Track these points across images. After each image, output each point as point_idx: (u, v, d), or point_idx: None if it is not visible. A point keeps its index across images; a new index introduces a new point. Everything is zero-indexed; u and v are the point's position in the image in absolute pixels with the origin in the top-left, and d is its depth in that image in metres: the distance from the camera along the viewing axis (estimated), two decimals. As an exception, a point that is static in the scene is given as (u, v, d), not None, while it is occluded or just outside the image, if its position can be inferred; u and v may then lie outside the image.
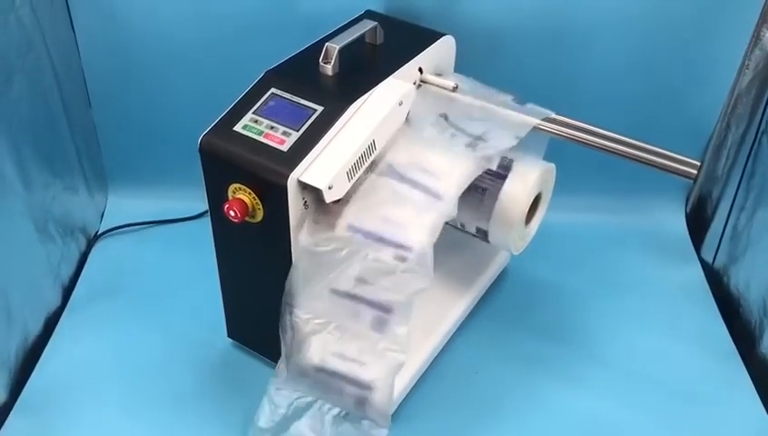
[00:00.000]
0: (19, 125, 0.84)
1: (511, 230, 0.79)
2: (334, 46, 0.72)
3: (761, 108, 0.94)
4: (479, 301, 0.94)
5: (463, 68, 0.85)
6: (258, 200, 0.66)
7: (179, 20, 0.94)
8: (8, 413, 0.80)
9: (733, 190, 1.00)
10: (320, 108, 0.68)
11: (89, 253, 1.01)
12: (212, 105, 0.70)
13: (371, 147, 0.69)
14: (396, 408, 0.80)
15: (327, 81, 0.73)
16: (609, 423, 0.81)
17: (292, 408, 0.73)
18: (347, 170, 0.66)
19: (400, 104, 0.71)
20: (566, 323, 0.93)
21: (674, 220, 1.09)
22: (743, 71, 0.95)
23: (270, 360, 0.83)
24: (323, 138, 0.66)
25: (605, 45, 0.95)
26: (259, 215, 0.68)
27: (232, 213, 0.66)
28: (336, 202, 0.67)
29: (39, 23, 0.87)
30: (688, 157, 0.70)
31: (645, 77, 0.98)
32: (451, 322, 0.88)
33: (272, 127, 0.68)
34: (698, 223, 1.08)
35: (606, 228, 1.07)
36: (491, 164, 0.72)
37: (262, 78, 0.72)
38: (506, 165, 0.79)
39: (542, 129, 0.74)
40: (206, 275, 0.80)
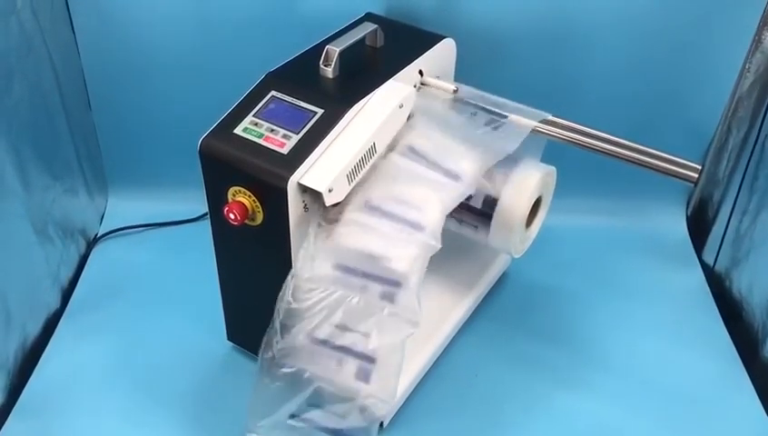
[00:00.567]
0: (19, 127, 0.83)
1: (512, 233, 0.79)
2: (334, 49, 0.72)
3: (762, 111, 0.94)
4: (480, 303, 0.94)
5: (464, 71, 0.85)
6: (258, 203, 0.66)
7: (179, 22, 0.94)
8: (7, 416, 0.79)
9: (734, 193, 1.00)
10: (321, 111, 0.68)
11: (89, 256, 1.01)
12: (213, 108, 0.70)
13: (372, 150, 0.68)
14: (396, 411, 0.79)
15: (327, 84, 0.73)
16: (610, 426, 0.81)
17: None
18: (347, 173, 0.66)
19: (401, 107, 0.71)
20: (567, 327, 0.93)
21: (675, 223, 1.09)
22: (744, 74, 0.95)
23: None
24: (323, 141, 0.66)
25: (605, 48, 0.95)
26: (259, 218, 0.68)
27: (232, 216, 0.66)
28: (335, 205, 0.66)
29: (39, 25, 0.87)
30: (689, 160, 0.70)
31: (646, 80, 0.98)
32: (452, 325, 0.88)
33: (272, 130, 0.67)
34: (699, 227, 1.08)
35: (607, 231, 1.07)
36: (509, 150, 0.73)
37: (263, 81, 0.72)
38: (490, 203, 0.78)
39: (540, 131, 0.74)
40: (206, 278, 0.80)
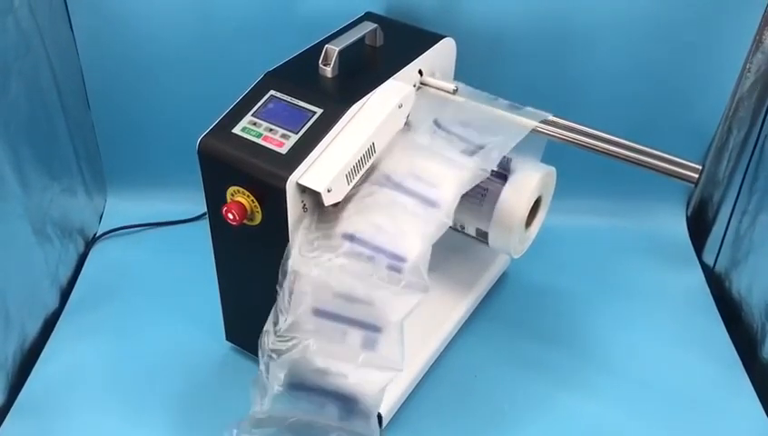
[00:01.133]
0: (17, 127, 0.83)
1: (511, 233, 0.79)
2: (334, 48, 0.72)
3: (762, 112, 0.94)
4: (479, 304, 0.93)
5: (464, 71, 0.85)
6: (256, 203, 0.66)
7: (178, 22, 0.94)
8: (5, 416, 0.79)
9: (734, 194, 0.99)
10: (320, 110, 0.68)
11: (87, 256, 1.01)
12: (211, 107, 0.70)
13: (371, 150, 0.68)
14: (394, 412, 0.79)
15: (326, 83, 0.73)
16: (609, 427, 0.81)
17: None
18: (346, 173, 0.66)
19: (400, 107, 0.71)
20: (566, 327, 0.93)
21: (675, 223, 1.09)
22: (745, 74, 0.95)
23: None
24: (322, 141, 0.66)
25: (606, 48, 0.95)
26: (257, 218, 0.67)
27: (231, 216, 0.66)
28: (335, 205, 0.66)
29: (37, 24, 0.87)
30: (689, 161, 0.69)
31: (646, 80, 0.98)
32: (451, 326, 0.88)
33: (271, 129, 0.67)
34: (699, 227, 1.08)
35: (607, 232, 1.07)
36: (487, 172, 0.71)
37: (261, 80, 0.72)
38: (504, 164, 0.78)
39: (540, 131, 0.74)
40: (204, 278, 0.79)
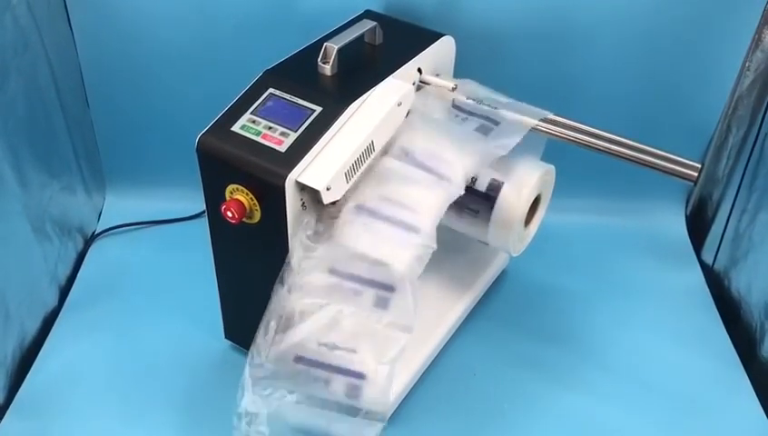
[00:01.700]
0: (16, 125, 0.83)
1: (510, 231, 0.79)
2: (333, 46, 0.72)
3: (762, 110, 0.94)
4: (478, 302, 0.93)
5: (463, 69, 0.85)
6: (255, 201, 0.66)
7: (177, 19, 0.94)
8: (4, 414, 0.79)
9: (733, 192, 0.99)
10: (319, 108, 0.68)
11: (86, 253, 1.01)
12: (210, 105, 0.70)
13: (370, 148, 0.68)
14: (394, 410, 0.79)
15: (325, 81, 0.72)
16: (608, 425, 0.81)
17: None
18: (345, 171, 0.66)
19: (399, 105, 0.71)
20: (565, 326, 0.93)
21: (675, 222, 1.09)
22: (744, 73, 0.95)
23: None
24: (321, 139, 0.66)
25: (605, 46, 0.95)
26: (256, 216, 0.67)
27: (230, 214, 0.66)
28: (333, 203, 0.66)
29: (36, 21, 0.86)
30: (689, 159, 0.69)
31: (646, 78, 0.97)
32: (450, 324, 0.88)
33: (270, 127, 0.67)
34: (698, 226, 1.08)
35: (606, 230, 1.07)
36: (498, 156, 0.73)
37: (260, 78, 0.72)
38: (496, 187, 0.78)
39: (540, 130, 0.74)
40: (204, 276, 0.79)
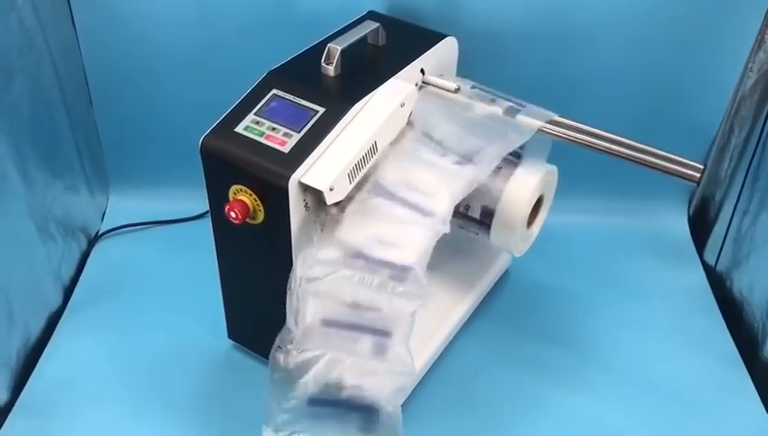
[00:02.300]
0: (20, 125, 0.83)
1: (513, 232, 0.79)
2: (336, 47, 0.72)
3: (764, 111, 0.94)
4: (481, 303, 0.94)
5: (466, 69, 0.85)
6: (259, 201, 0.66)
7: (181, 20, 0.94)
8: (8, 413, 0.80)
9: (736, 193, 0.99)
10: (322, 109, 0.68)
11: (90, 254, 1.01)
12: (214, 106, 0.70)
13: (373, 149, 0.68)
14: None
15: (329, 82, 0.73)
16: (610, 426, 0.81)
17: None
18: (348, 171, 0.66)
19: (402, 106, 0.71)
20: (568, 326, 0.93)
21: (677, 223, 1.09)
22: (747, 73, 0.95)
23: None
24: (325, 139, 0.66)
25: (608, 47, 0.95)
26: (260, 217, 0.67)
27: (233, 215, 0.66)
28: (336, 204, 0.66)
29: (40, 22, 0.87)
30: (691, 160, 0.69)
31: (649, 79, 0.97)
32: (453, 324, 0.88)
33: (274, 128, 0.67)
34: (701, 226, 1.08)
35: (608, 231, 1.07)
36: (479, 181, 0.71)
37: (264, 79, 0.72)
38: (489, 212, 0.78)
39: (545, 131, 0.74)
40: (207, 276, 0.80)
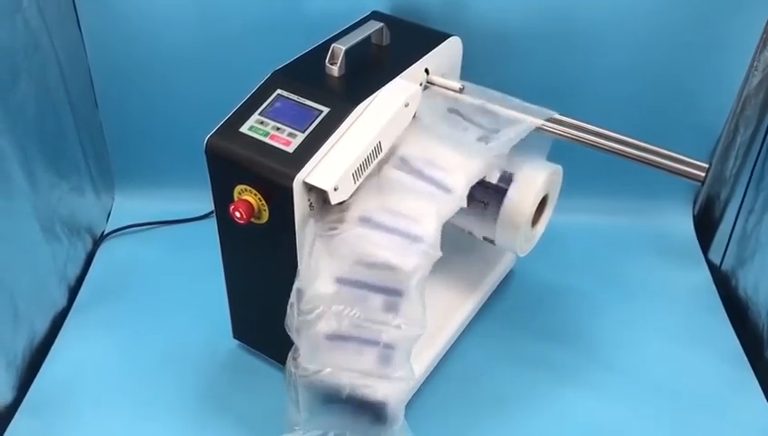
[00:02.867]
0: (26, 126, 0.84)
1: (517, 232, 0.79)
2: (340, 47, 0.72)
3: (770, 110, 0.94)
4: (485, 302, 0.93)
5: (470, 69, 0.85)
6: (263, 201, 0.66)
7: (185, 21, 0.94)
8: (14, 413, 0.80)
9: (741, 192, 0.99)
10: (326, 109, 0.68)
11: (95, 254, 1.02)
12: (219, 106, 0.70)
13: (377, 149, 0.68)
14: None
15: (333, 82, 0.73)
16: (615, 426, 0.81)
17: None
18: (353, 171, 0.66)
19: (406, 106, 0.71)
20: (573, 326, 0.93)
21: (682, 222, 1.09)
22: (752, 72, 0.94)
23: (276, 361, 0.83)
24: (329, 139, 0.66)
25: (612, 46, 0.95)
26: (264, 216, 0.68)
27: (238, 215, 0.66)
28: (341, 203, 0.66)
29: (46, 23, 0.87)
30: (696, 159, 0.69)
31: (653, 78, 0.97)
32: (457, 324, 0.88)
33: (278, 128, 0.67)
34: (706, 226, 1.08)
35: (613, 230, 1.07)
36: (498, 166, 0.72)
37: (268, 79, 0.72)
38: (507, 178, 0.78)
39: (546, 130, 0.74)
40: (212, 276, 0.80)
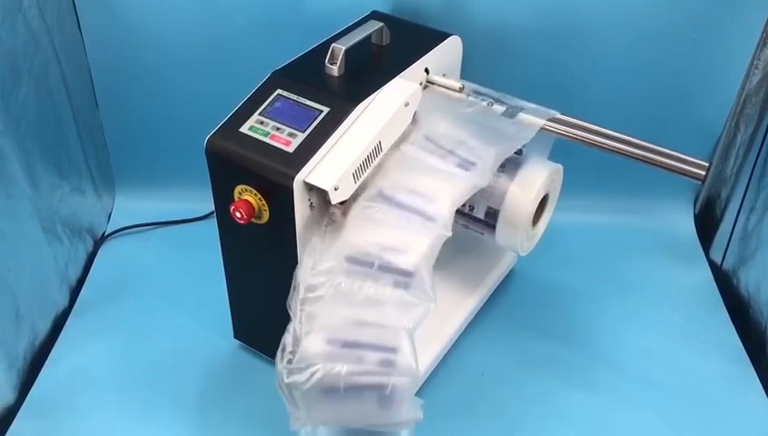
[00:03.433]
0: (27, 127, 0.84)
1: (518, 231, 0.79)
2: (340, 47, 0.72)
3: (770, 108, 0.94)
4: (486, 302, 0.93)
5: (470, 69, 0.85)
6: (264, 201, 0.66)
7: (185, 21, 0.94)
8: (16, 413, 0.80)
9: (741, 191, 0.99)
10: (326, 109, 0.68)
11: (96, 254, 1.02)
12: (219, 106, 0.70)
13: (377, 148, 0.68)
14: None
15: (333, 82, 0.73)
16: (616, 425, 0.81)
17: None
18: (353, 171, 0.66)
19: (406, 105, 0.71)
20: (573, 325, 0.93)
21: (683, 221, 1.09)
22: (753, 71, 0.94)
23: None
24: (329, 139, 0.66)
25: (612, 45, 0.95)
26: (265, 216, 0.68)
27: (238, 215, 0.66)
28: (341, 203, 0.67)
29: (46, 24, 0.87)
30: (697, 158, 0.69)
31: (654, 77, 0.97)
32: (458, 324, 0.88)
33: (278, 128, 0.67)
34: (707, 224, 1.08)
35: (614, 229, 1.07)
36: (481, 186, 0.72)
37: (268, 79, 0.72)
38: (493, 214, 0.78)
39: (548, 129, 0.74)
40: (213, 276, 0.80)
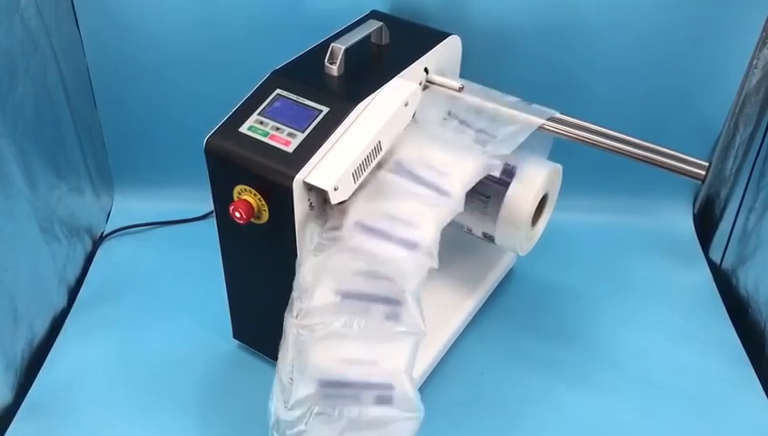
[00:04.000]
0: (24, 126, 0.84)
1: (518, 231, 0.79)
2: (340, 47, 0.72)
3: (769, 108, 0.94)
4: (486, 302, 0.93)
5: (469, 68, 0.85)
6: (263, 201, 0.66)
7: (184, 21, 0.94)
8: (14, 414, 0.80)
9: (741, 190, 0.99)
10: (326, 109, 0.68)
11: (95, 254, 1.01)
12: (218, 106, 0.70)
13: (377, 148, 0.68)
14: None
15: (332, 81, 0.73)
16: (616, 425, 0.81)
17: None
18: (352, 171, 0.66)
19: (406, 105, 0.71)
20: (573, 325, 0.93)
21: (682, 221, 1.09)
22: (752, 70, 0.94)
23: (276, 361, 0.83)
24: (329, 139, 0.66)
25: (612, 45, 0.95)
26: (264, 216, 0.67)
27: (238, 215, 0.66)
28: (341, 203, 0.66)
29: (44, 23, 0.87)
30: (696, 157, 0.69)
31: (653, 77, 0.97)
32: (457, 324, 0.88)
33: (278, 128, 0.67)
34: (706, 224, 1.08)
35: (613, 229, 1.07)
36: (497, 168, 0.72)
37: (268, 79, 0.72)
38: (509, 171, 0.78)
39: (547, 129, 0.74)
40: (212, 276, 0.80)
